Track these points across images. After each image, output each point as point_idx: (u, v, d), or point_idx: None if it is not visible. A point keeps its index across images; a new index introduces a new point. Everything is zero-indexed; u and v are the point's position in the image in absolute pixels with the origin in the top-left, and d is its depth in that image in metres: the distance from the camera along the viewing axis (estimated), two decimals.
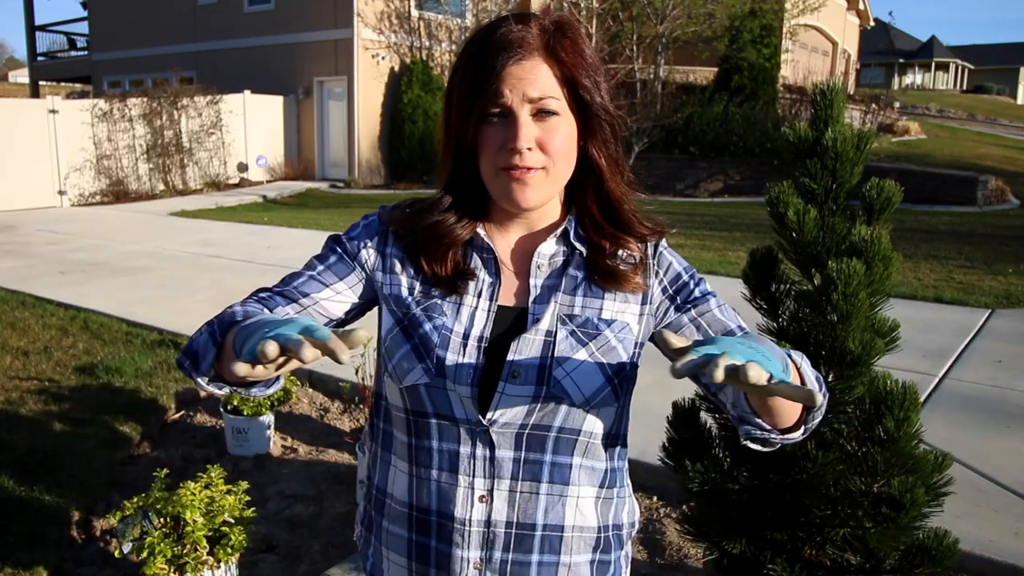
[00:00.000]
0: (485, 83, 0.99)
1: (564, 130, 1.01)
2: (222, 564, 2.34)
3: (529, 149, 0.99)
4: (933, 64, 46.34)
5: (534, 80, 0.99)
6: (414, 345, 1.03)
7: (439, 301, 1.06)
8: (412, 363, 1.03)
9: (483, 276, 1.08)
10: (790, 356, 0.90)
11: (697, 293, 1.10)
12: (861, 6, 29.52)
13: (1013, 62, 49.06)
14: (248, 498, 2.47)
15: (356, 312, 1.13)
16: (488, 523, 1.05)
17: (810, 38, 24.89)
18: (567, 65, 1.00)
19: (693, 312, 1.09)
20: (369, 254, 1.11)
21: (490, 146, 1.01)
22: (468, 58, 1.02)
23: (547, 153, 1.00)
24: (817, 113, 1.93)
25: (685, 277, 1.11)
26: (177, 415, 4.21)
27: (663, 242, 1.14)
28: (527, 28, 1.00)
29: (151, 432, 3.95)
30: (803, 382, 0.90)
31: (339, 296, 1.10)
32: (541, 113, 0.99)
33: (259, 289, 1.10)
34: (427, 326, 1.04)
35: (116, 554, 2.48)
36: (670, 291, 1.10)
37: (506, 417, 1.02)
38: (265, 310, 1.02)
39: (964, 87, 45.90)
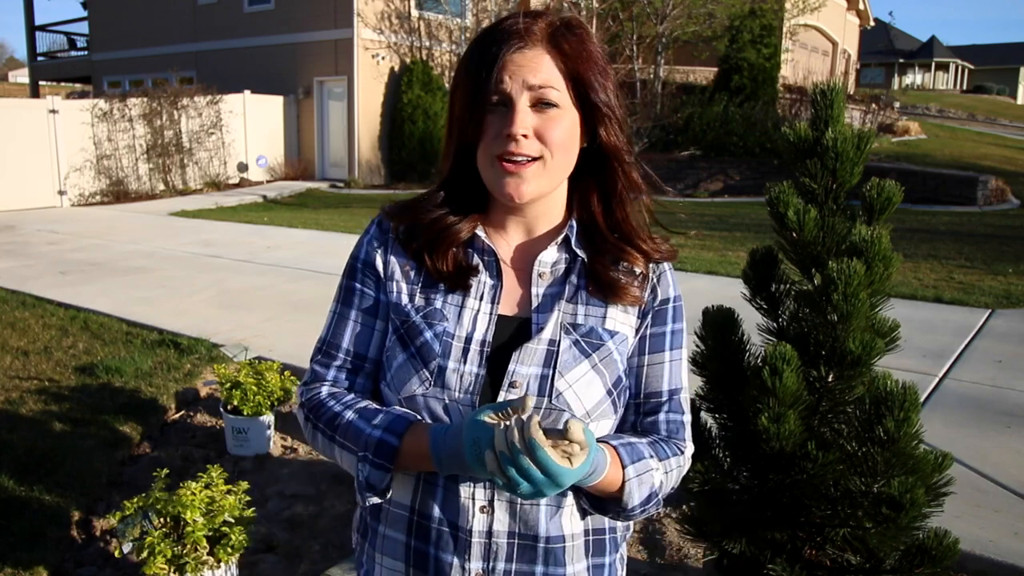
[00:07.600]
0: (487, 71, 0.98)
1: (564, 123, 1.00)
2: (222, 564, 2.34)
3: (525, 136, 0.98)
4: (933, 64, 46.35)
5: (535, 68, 0.98)
6: (411, 354, 1.02)
7: (439, 307, 1.04)
8: (409, 373, 1.02)
9: (484, 278, 1.06)
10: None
11: (669, 329, 1.10)
12: (861, 6, 29.52)
13: (1013, 62, 49.07)
14: (248, 498, 2.48)
15: None
16: (490, 533, 1.03)
17: (810, 38, 24.89)
18: (571, 58, 1.00)
19: (646, 358, 1.10)
20: (379, 265, 1.09)
21: (488, 134, 1.00)
22: (474, 47, 1.02)
23: (545, 143, 0.99)
24: (817, 113, 1.93)
25: (672, 304, 1.11)
26: (177, 415, 4.21)
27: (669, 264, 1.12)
28: (533, 21, 1.00)
29: (151, 432, 3.95)
30: (622, 488, 1.00)
31: (378, 334, 1.09)
32: (541, 104, 0.99)
33: (320, 360, 1.12)
34: (427, 334, 1.02)
35: (116, 554, 2.48)
36: (655, 308, 1.10)
37: None
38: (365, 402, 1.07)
39: (964, 87, 45.90)
